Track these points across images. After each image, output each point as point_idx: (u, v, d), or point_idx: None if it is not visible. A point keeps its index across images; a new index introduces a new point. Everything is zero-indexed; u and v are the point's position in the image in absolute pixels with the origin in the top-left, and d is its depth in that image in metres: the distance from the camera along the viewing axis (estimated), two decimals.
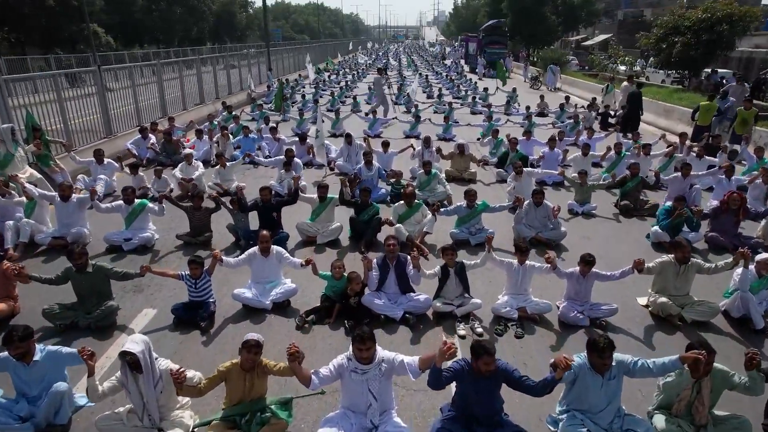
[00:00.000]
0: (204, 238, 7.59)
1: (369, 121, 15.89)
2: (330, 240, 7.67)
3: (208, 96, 19.17)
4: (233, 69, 22.94)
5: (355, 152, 11.54)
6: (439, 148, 11.11)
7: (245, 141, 12.67)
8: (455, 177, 11.08)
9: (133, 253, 7.33)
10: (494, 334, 5.47)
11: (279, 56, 33.03)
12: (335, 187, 9.59)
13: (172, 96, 16.39)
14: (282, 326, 5.59)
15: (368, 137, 11.55)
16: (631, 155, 11.06)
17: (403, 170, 11.44)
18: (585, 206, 9.21)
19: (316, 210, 7.78)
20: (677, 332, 5.55)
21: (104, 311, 5.34)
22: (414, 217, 7.76)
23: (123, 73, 14.56)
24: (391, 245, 5.67)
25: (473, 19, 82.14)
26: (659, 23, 25.04)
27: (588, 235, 8.27)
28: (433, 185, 9.59)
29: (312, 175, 11.42)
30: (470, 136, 15.74)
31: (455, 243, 7.69)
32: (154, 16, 61.52)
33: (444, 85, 30.15)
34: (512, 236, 8.01)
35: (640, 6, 62.88)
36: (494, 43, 39.93)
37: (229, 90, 21.56)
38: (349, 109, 20.57)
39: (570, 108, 19.06)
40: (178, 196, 9.80)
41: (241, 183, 10.17)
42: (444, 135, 15.43)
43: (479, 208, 7.73)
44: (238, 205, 7.45)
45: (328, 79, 30.52)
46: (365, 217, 7.71)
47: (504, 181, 11.05)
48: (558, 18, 50.65)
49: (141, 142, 12.37)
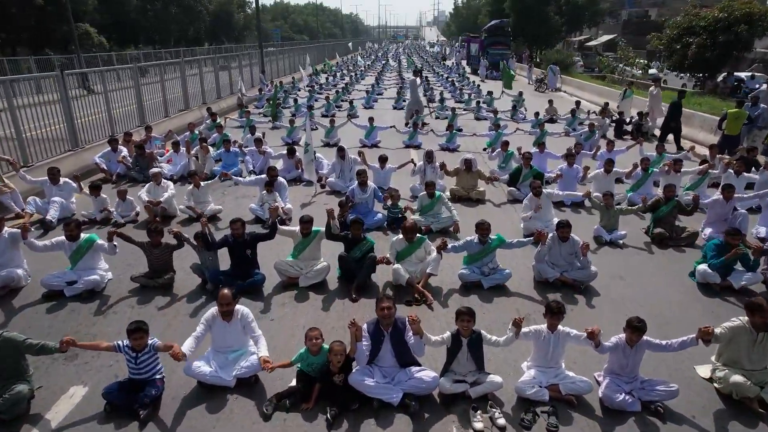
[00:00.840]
0: (164, 280, 6.33)
1: (366, 129, 14.64)
2: (315, 282, 6.41)
3: (193, 101, 17.90)
4: (223, 71, 21.63)
5: (349, 167, 10.28)
6: (443, 164, 9.86)
7: (227, 155, 11.40)
8: (461, 196, 9.83)
9: (77, 300, 6.06)
10: (521, 426, 4.22)
11: (274, 57, 31.74)
12: (323, 211, 8.60)
13: (153, 101, 15.13)
14: (246, 415, 4.32)
15: (363, 152, 10.23)
16: (659, 172, 9.81)
17: (403, 188, 10.21)
18: (613, 233, 7.96)
19: (298, 245, 6.53)
20: (759, 423, 4.29)
21: (9, 399, 4.07)
22: (416, 254, 6.50)
23: (95, 77, 13.30)
24: (385, 309, 4.41)
25: (474, 20, 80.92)
26: (672, 23, 23.84)
27: (620, 272, 7.00)
28: (438, 209, 8.33)
29: (300, 194, 10.16)
30: (476, 146, 14.52)
31: (465, 286, 6.45)
32: (149, 16, 60.41)
33: (445, 87, 28.91)
34: (532, 275, 6.77)
35: (644, 6, 61.67)
36: (497, 43, 38.69)
37: (218, 94, 20.29)
38: (345, 114, 19.38)
39: (582, 114, 17.81)
40: (145, 221, 8.59)
41: (217, 205, 8.96)
42: (447, 145, 14.18)
43: (493, 244, 6.47)
44: (203, 241, 6.19)
45: (325, 82, 29.24)
46: (357, 254, 6.46)
47: (517, 201, 9.80)
48: (561, 18, 49.48)
49: (111, 155, 11.12)
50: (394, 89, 27.30)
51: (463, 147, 14.34)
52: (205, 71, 19.69)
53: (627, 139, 16.20)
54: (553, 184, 10.32)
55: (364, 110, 21.31)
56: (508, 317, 5.72)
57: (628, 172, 9.80)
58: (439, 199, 8.26)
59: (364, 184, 8.43)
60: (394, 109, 21.71)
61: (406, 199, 9.83)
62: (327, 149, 13.87)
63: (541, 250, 6.53)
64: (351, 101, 20.01)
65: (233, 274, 6.32)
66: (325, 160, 11.22)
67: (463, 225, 8.32)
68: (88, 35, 49.34)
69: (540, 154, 11.29)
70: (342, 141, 14.73)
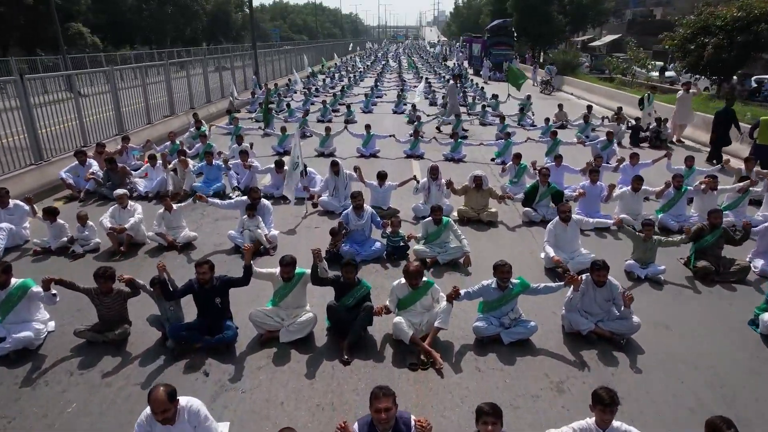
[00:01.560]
0: (116, 335, 5.19)
1: (363, 138, 13.50)
2: (299, 338, 5.27)
3: (180, 106, 16.76)
4: (215, 73, 20.48)
5: (344, 184, 9.15)
6: (449, 182, 8.72)
7: (209, 169, 10.26)
8: (470, 218, 8.70)
9: (3, 363, 4.93)
10: None
11: (270, 58, 30.57)
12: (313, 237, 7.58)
13: (134, 107, 14.00)
14: None
15: (359, 168, 9.08)
16: (694, 191, 8.68)
17: (404, 207, 9.11)
18: (649, 268, 6.83)
19: (279, 291, 5.40)
20: None
21: None
22: (421, 302, 5.37)
23: (58, 82, 12.18)
24: (382, 412, 3.27)
25: (475, 19, 79.82)
26: (686, 22, 22.63)
27: (663, 319, 5.86)
28: (445, 237, 7.20)
29: (288, 214, 9.03)
30: (483, 156, 13.39)
31: (481, 341, 5.32)
32: (145, 15, 59.39)
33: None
34: (559, 325, 5.64)
35: (649, 5, 60.54)
36: (500, 44, 37.56)
37: (207, 98, 19.15)
38: (342, 120, 18.27)
39: (596, 120, 16.66)
40: (108, 250, 7.47)
41: (192, 231, 7.83)
42: (452, 155, 13.05)
43: (515, 290, 5.34)
44: (162, 289, 5.06)
45: (322, 84, 28.08)
46: (350, 302, 5.33)
47: (534, 224, 8.67)
48: (565, 18, 48.34)
49: (79, 169, 9.99)
50: (394, 92, 26.18)
51: (470, 157, 13.21)
52: (195, 73, 18.58)
53: (644, 147, 15.10)
54: (572, 203, 9.16)
55: (362, 114, 20.20)
56: (536, 387, 4.65)
57: (659, 191, 8.66)
58: (447, 225, 7.13)
59: (360, 209, 7.30)
60: (394, 113, 20.58)
61: (407, 221, 8.73)
62: (321, 160, 12.75)
63: (573, 298, 5.39)
64: (348, 105, 18.88)
65: (199, 327, 5.20)
66: (318, 176, 10.08)
67: (474, 250, 7.21)
68: (81, 35, 48.30)
69: (556, 168, 10.15)
70: (338, 151, 13.63)
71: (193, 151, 11.85)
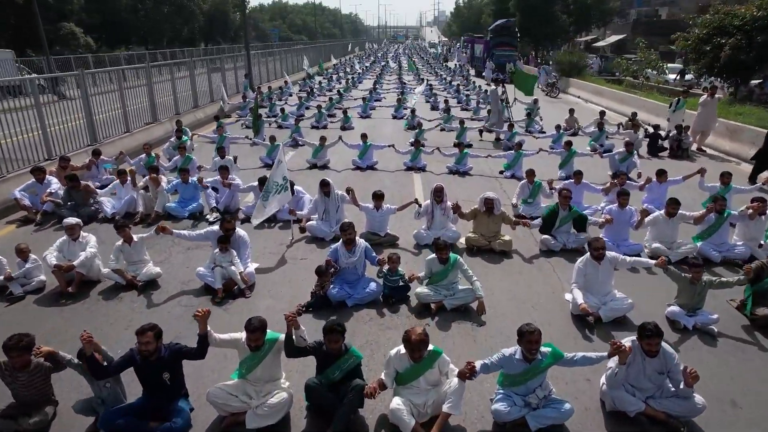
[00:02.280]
0: (33, 423, 4.04)
1: (360, 148, 12.35)
2: (270, 424, 4.13)
3: (163, 112, 15.61)
4: (201, 76, 19.32)
5: (335, 207, 8.00)
6: (456, 205, 7.58)
7: (185, 187, 9.10)
8: (480, 247, 7.56)
9: None
10: None
11: (264, 59, 29.36)
12: (306, 266, 6.19)
13: (111, 114, 12.84)
14: None
15: (352, 189, 7.91)
16: (738, 216, 7.53)
17: (404, 233, 7.97)
18: (698, 316, 5.68)
19: (246, 360, 4.25)
20: None
21: None
22: (425, 377, 4.23)
23: (71, 81, 11.06)
24: None
25: (476, 19, 78.71)
26: (701, 22, 21.48)
27: (730, 393, 4.69)
28: (453, 277, 6.05)
29: (271, 240, 7.89)
30: (491, 169, 12.24)
31: (502, 427, 4.17)
32: (140, 15, 58.36)
33: (450, 93, 26.61)
34: (596, 399, 4.50)
35: (654, 5, 59.36)
36: (503, 44, 36.27)
37: (194, 102, 17.99)
38: (339, 126, 17.15)
39: (610, 128, 15.48)
40: (54, 291, 6.34)
41: (156, 266, 6.69)
42: (457, 167, 11.90)
43: (545, 361, 4.18)
44: (90, 366, 3.92)
45: (318, 87, 26.91)
46: (335, 375, 4.19)
47: (553, 254, 7.53)
48: (569, 17, 47.21)
49: (37, 187, 8.85)
50: (394, 94, 25.03)
51: (476, 169, 12.06)
52: (180, 76, 17.43)
53: (663, 157, 13.96)
54: (595, 227, 8.02)
55: (360, 120, 19.06)
56: None
57: (698, 216, 7.49)
58: (455, 265, 5.97)
59: (352, 243, 6.15)
60: (393, 118, 19.43)
61: (408, 249, 7.59)
62: (314, 173, 11.64)
63: (619, 372, 4.25)
64: (345, 111, 17.71)
65: (143, 410, 4.06)
66: (306, 196, 8.92)
67: (486, 286, 6.10)
68: (73, 35, 47.23)
69: (576, 185, 9.01)
70: (332, 162, 12.51)
71: (171, 164, 10.71)
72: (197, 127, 16.71)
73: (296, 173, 11.77)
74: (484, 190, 10.68)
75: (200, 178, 8.89)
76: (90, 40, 48.47)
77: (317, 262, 7.04)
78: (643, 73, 25.97)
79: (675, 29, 24.34)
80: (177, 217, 8.79)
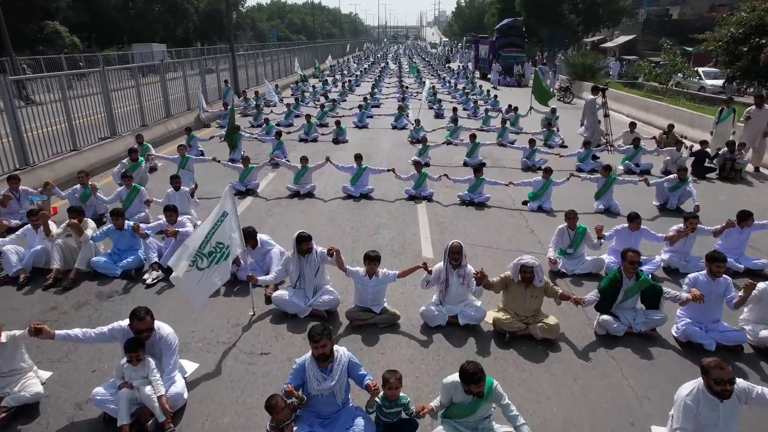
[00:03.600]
0: None
1: (353, 172, 10.16)
2: None
3: (125, 124, 13.43)
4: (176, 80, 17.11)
5: (314, 270, 5.78)
6: (481, 274, 5.39)
7: (119, 235, 6.88)
8: (514, 332, 5.37)
9: None
10: None
11: (252, 61, 27.07)
12: (269, 369, 3.97)
13: (52, 129, 10.63)
14: None
15: (337, 251, 5.67)
16: None
17: (408, 307, 5.81)
18: None
19: None
20: None
21: None
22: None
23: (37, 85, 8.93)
24: None
25: (479, 19, 76.61)
26: (735, 20, 19.29)
27: None
28: (484, 412, 3.85)
29: (217, 316, 5.70)
30: (513, 200, 10.04)
31: None
32: (131, 14, 56.33)
33: (455, 98, 24.44)
34: None
35: (664, 4, 57.18)
36: (510, 45, 34.17)
37: (167, 112, 15.78)
38: (330, 138, 15.01)
39: (647, 145, 13.20)
40: None
41: (35, 383, 4.50)
42: (471, 196, 9.72)
43: None
44: None
45: (312, 92, 24.63)
46: None
47: (617, 340, 5.35)
48: (577, 17, 45.14)
49: None
50: (393, 100, 22.83)
51: (494, 199, 9.89)
52: (150, 82, 15.26)
53: (712, 179, 11.79)
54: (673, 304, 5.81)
55: (355, 130, 16.89)
56: None
57: None
58: (490, 394, 3.76)
59: (327, 358, 3.94)
60: (394, 128, 17.25)
61: (414, 337, 5.40)
62: (291, 207, 9.48)
63: None
64: (338, 121, 15.51)
65: None
66: (275, 249, 6.69)
67: (524, 408, 3.93)
68: (58, 34, 45.07)
69: (631, 232, 6.85)
70: (318, 188, 10.34)
71: (114, 196, 8.51)
72: (167, 142, 14.54)
73: (272, 205, 9.60)
74: (504, 227, 8.59)
75: (135, 225, 6.68)
76: (76, 40, 46.33)
77: (283, 356, 4.93)
78: (673, 77, 23.66)
79: (688, 29, 22.38)
80: (106, 275, 6.62)
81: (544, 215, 9.21)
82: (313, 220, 8.77)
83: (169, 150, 13.21)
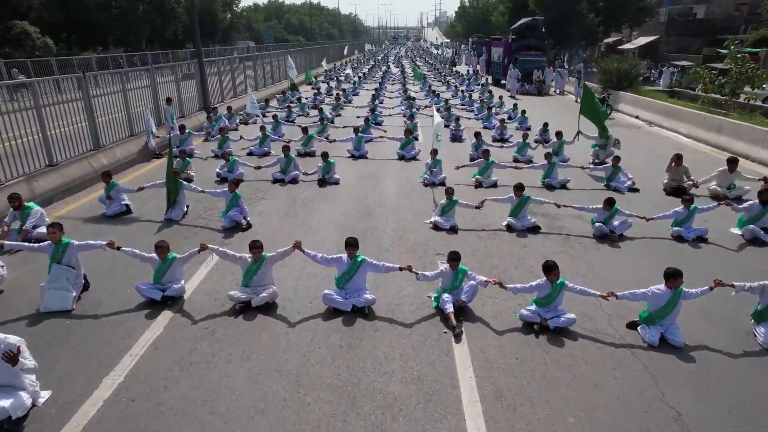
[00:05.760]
0: None
1: (342, 269, 6.13)
2: None
3: (70, 147, 9.44)
4: (131, 92, 13.00)
5: None
6: None
7: None
8: None
9: None
10: None
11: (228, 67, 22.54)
12: None
13: None
14: None
15: None
16: None
17: None
18: None
19: None
20: None
21: None
22: None
23: None
24: None
25: (483, 18, 72.58)
26: None
27: None
28: None
29: None
30: None
31: None
32: (114, 14, 52.44)
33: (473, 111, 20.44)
34: None
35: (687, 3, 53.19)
36: (529, 47, 30.19)
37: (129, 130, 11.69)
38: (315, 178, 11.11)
39: (743, 183, 9.19)
40: None
41: None
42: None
43: None
44: None
45: (299, 105, 20.44)
46: None
47: None
48: (597, 16, 41.19)
49: None
50: (398, 117, 18.75)
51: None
52: (100, 94, 11.31)
53: None
54: None
55: (351, 163, 12.93)
56: None
57: None
58: None
59: None
60: (400, 159, 13.25)
61: None
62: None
63: None
64: (325, 154, 11.44)
65: None
66: None
67: None
68: (27, 35, 41.14)
69: None
70: (281, 296, 6.29)
71: None
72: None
73: (214, 321, 5.57)
74: None
75: None
76: (48, 41, 42.37)
77: None
78: (752, 88, 19.51)
79: (715, 30, 18.71)
80: None
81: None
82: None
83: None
